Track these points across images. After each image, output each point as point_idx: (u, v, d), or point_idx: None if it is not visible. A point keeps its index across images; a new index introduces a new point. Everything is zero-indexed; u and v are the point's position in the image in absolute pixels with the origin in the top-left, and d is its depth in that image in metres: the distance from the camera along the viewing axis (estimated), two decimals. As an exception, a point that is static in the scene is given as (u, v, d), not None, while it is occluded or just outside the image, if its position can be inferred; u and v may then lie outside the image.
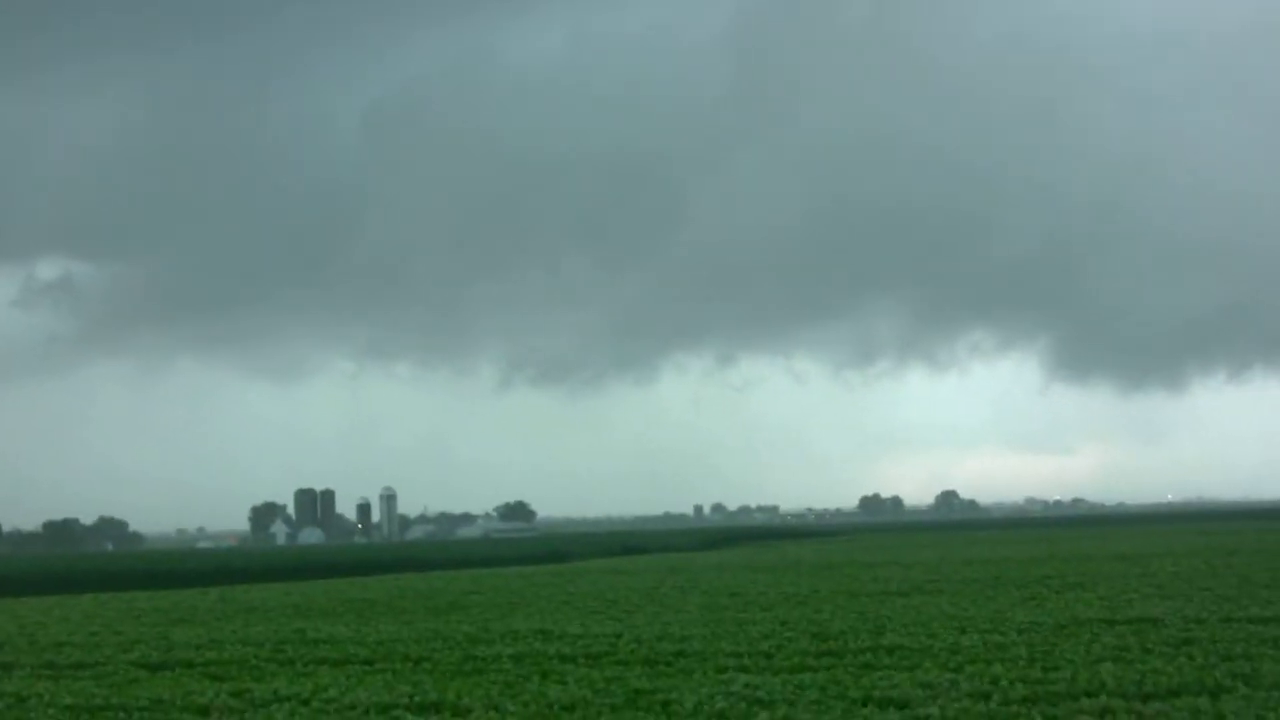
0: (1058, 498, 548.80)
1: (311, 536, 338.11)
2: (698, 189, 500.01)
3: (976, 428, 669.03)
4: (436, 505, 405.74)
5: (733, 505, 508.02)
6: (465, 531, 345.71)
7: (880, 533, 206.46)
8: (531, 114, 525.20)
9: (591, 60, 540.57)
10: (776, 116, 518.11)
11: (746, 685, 24.76)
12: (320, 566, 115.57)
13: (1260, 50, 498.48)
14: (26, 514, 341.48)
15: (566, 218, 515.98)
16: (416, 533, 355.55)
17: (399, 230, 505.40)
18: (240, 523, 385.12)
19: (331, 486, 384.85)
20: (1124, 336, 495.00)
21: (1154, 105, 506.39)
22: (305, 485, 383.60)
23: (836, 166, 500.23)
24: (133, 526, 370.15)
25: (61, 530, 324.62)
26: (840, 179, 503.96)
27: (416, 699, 24.78)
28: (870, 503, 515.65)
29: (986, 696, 22.91)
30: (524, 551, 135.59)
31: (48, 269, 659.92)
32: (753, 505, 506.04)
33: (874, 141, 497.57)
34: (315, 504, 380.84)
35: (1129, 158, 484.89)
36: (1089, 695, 22.59)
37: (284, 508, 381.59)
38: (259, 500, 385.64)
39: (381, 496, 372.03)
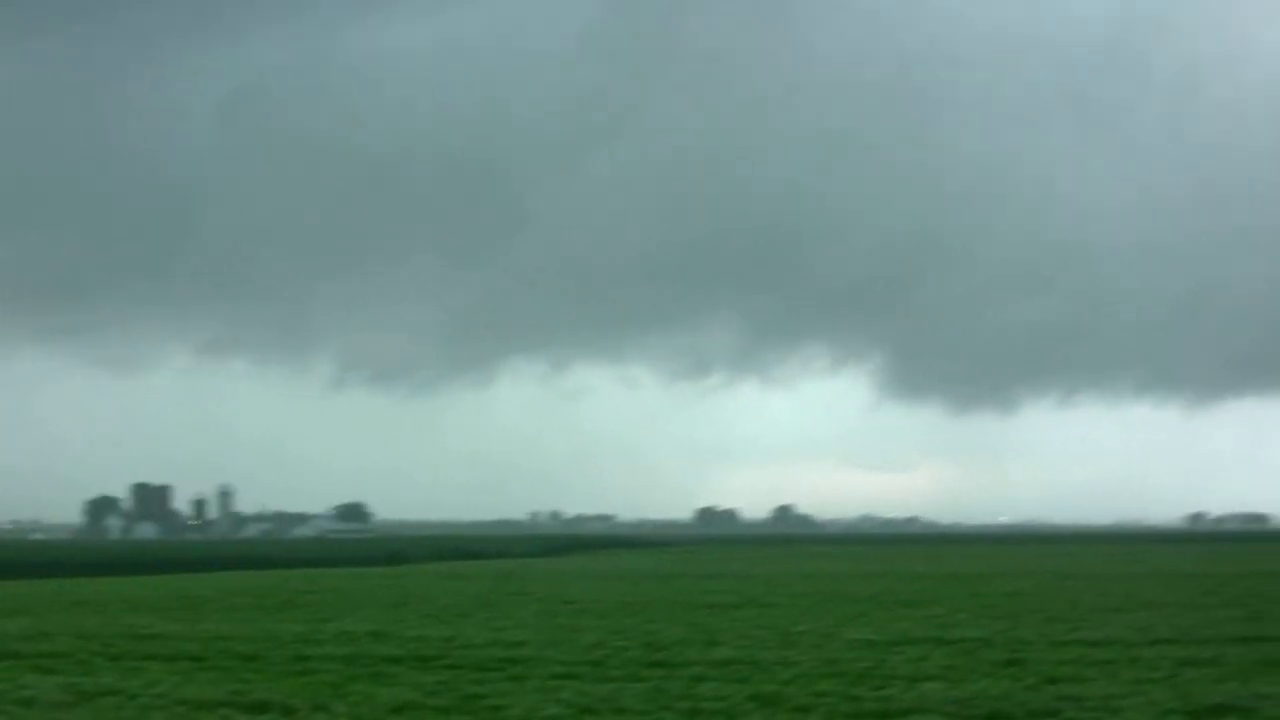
0: (894, 515, 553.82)
1: (147, 531, 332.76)
2: (543, 195, 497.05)
3: (813, 443, 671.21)
4: (273, 503, 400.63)
5: (569, 513, 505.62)
6: (300, 531, 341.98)
7: (716, 544, 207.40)
8: (382, 112, 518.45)
9: (444, 61, 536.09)
10: (622, 128, 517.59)
11: (576, 693, 24.90)
12: (154, 562, 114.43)
13: (1099, 66, 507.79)
14: None
15: (412, 218, 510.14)
16: (252, 530, 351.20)
17: (245, 224, 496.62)
18: (75, 516, 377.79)
19: (169, 481, 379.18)
20: (955, 358, 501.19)
21: (993, 124, 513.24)
22: (142, 479, 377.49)
23: (680, 180, 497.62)
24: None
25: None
26: (683, 193, 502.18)
27: (245, 697, 24.61)
28: (707, 514, 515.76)
29: (812, 711, 23.19)
30: (360, 553, 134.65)
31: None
32: (589, 513, 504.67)
33: (717, 157, 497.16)
34: (151, 499, 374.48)
35: (963, 180, 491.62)
36: (913, 713, 22.93)
37: (119, 501, 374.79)
38: (94, 493, 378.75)
39: (218, 493, 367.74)
